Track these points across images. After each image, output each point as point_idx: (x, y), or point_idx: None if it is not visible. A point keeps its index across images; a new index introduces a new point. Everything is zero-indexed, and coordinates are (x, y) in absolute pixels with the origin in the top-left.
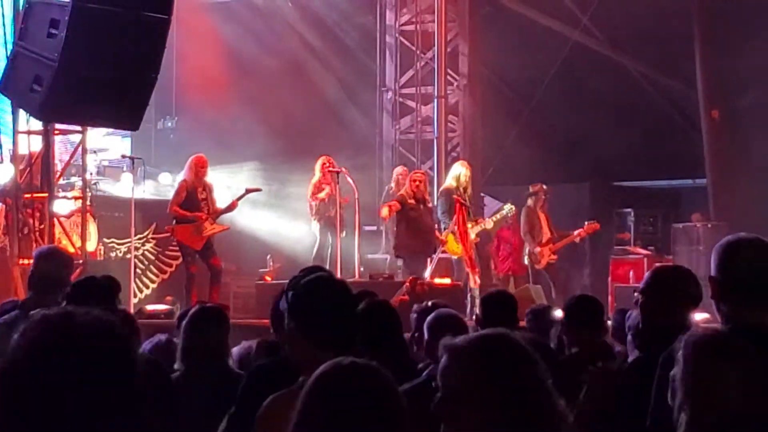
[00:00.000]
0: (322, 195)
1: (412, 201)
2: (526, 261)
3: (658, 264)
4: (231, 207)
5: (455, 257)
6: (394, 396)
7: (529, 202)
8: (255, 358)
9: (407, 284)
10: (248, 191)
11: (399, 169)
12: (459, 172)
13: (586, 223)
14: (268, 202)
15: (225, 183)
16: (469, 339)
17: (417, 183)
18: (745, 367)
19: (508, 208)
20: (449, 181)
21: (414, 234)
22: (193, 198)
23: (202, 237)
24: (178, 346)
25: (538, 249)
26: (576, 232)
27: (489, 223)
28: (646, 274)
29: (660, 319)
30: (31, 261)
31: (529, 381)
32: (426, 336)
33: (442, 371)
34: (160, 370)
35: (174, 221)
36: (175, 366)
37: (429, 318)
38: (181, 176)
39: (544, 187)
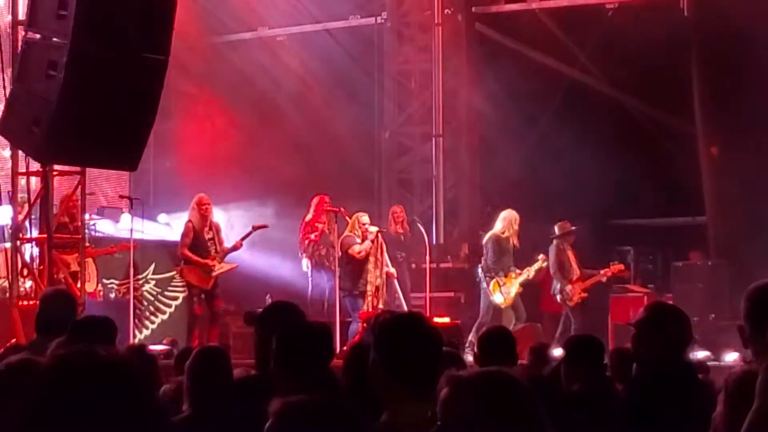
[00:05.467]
0: (312, 236)
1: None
2: (558, 299)
3: (655, 300)
4: (237, 246)
5: (503, 305)
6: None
7: (557, 240)
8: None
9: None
10: (255, 228)
11: (395, 209)
12: (513, 218)
13: (611, 263)
14: (267, 241)
15: (225, 223)
16: (473, 372)
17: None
18: None
19: (542, 258)
20: (502, 227)
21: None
22: (200, 238)
23: (211, 277)
24: (184, 388)
25: (569, 287)
26: (602, 272)
27: (531, 273)
28: (641, 309)
29: (650, 354)
30: (31, 302)
31: (529, 420)
32: None
33: (444, 401)
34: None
35: (182, 262)
36: (183, 408)
37: None
38: (186, 218)
39: (570, 225)
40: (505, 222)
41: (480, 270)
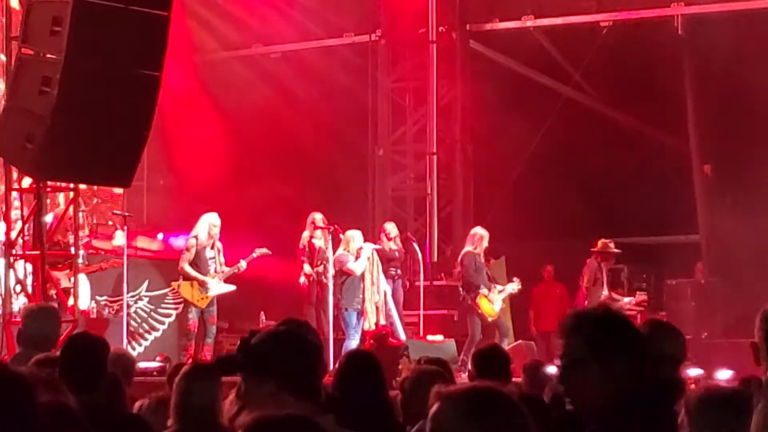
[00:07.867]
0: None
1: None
2: None
3: (648, 318)
4: (239, 268)
5: (490, 318)
6: None
7: (593, 258)
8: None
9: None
10: (257, 253)
11: (385, 226)
12: (482, 235)
13: (637, 293)
14: (261, 260)
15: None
16: (461, 387)
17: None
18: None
19: (517, 282)
20: (473, 244)
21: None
22: (202, 256)
23: (207, 297)
24: (171, 403)
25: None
26: (627, 300)
27: (515, 288)
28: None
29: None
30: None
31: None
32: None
33: (433, 416)
34: (146, 428)
35: (180, 278)
36: (168, 423)
37: (409, 373)
38: (192, 233)
39: (613, 247)
40: (475, 238)
41: (461, 289)
